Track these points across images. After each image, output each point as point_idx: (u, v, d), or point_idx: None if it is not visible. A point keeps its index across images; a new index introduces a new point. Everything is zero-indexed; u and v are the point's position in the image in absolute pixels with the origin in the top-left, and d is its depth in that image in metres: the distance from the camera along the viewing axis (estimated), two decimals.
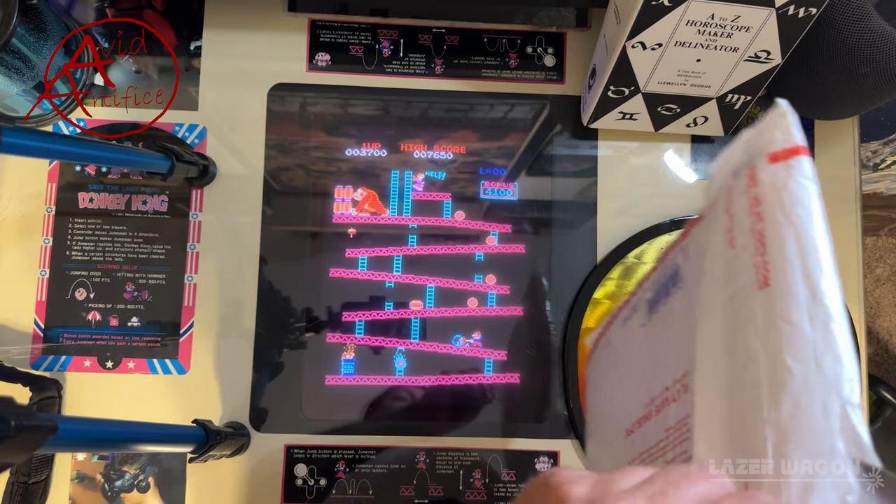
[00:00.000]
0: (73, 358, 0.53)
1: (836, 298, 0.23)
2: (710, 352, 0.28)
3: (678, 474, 0.22)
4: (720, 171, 0.30)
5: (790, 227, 0.25)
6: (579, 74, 0.58)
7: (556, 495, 0.22)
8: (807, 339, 0.23)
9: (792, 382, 0.23)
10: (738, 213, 0.28)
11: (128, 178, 0.55)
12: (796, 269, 0.24)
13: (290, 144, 0.56)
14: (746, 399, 0.25)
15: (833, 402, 0.22)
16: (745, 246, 0.27)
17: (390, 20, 0.58)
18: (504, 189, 0.57)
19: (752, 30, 0.45)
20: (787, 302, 0.24)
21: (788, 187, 0.25)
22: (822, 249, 0.24)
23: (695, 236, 0.33)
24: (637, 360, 0.38)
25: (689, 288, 0.32)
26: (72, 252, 0.54)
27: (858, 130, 0.60)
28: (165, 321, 0.54)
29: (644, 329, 0.38)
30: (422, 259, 0.56)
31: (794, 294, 0.23)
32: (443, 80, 0.58)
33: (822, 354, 0.22)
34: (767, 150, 0.26)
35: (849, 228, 0.58)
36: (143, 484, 0.53)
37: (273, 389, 0.54)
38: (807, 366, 0.22)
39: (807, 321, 0.23)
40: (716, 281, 0.29)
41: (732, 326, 0.27)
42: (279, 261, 0.55)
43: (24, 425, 0.30)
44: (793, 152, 0.26)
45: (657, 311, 0.36)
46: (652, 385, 0.34)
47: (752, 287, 0.26)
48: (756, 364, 0.24)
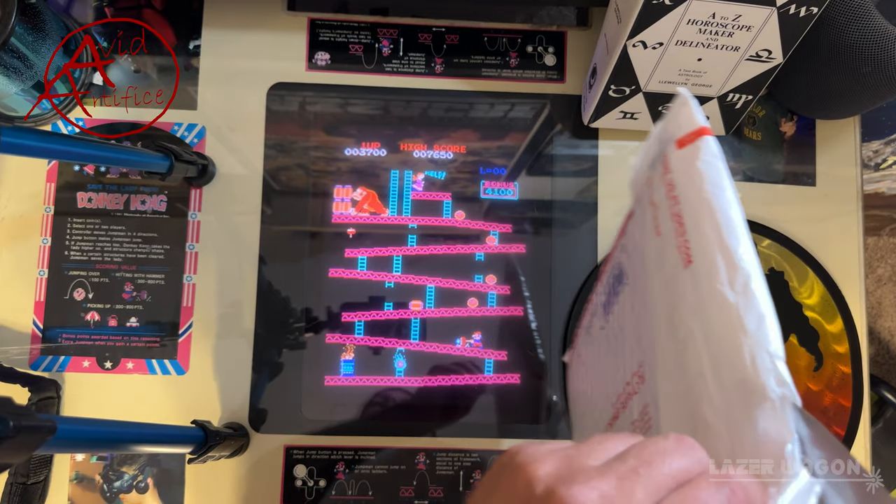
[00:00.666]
0: (71, 358, 0.53)
1: (752, 261, 0.24)
2: (659, 338, 0.29)
3: (652, 451, 0.21)
4: (640, 166, 0.32)
5: (702, 203, 0.26)
6: (580, 74, 0.58)
7: (523, 477, 0.21)
8: (730, 304, 0.24)
9: (723, 347, 0.24)
10: (659, 201, 0.29)
11: (127, 177, 0.55)
12: (713, 242, 0.25)
13: (289, 144, 0.56)
14: (691, 374, 0.25)
15: (763, 357, 0.23)
16: (668, 231, 0.28)
17: (390, 19, 0.58)
18: (504, 189, 0.57)
19: (754, 29, 0.45)
20: (709, 273, 0.25)
21: (697, 167, 0.26)
22: (735, 219, 0.25)
23: (630, 233, 0.34)
24: (602, 364, 0.39)
25: (633, 283, 0.34)
26: (70, 252, 0.54)
27: (860, 130, 0.60)
28: (164, 321, 0.54)
29: (604, 332, 0.38)
30: (422, 259, 0.56)
31: (715, 264, 0.25)
32: (443, 79, 0.58)
33: (746, 315, 0.23)
34: (675, 137, 0.28)
35: (850, 228, 0.58)
36: (142, 485, 0.53)
37: (272, 390, 0.54)
38: (733, 329, 0.23)
39: (728, 287, 0.24)
40: (653, 270, 0.30)
41: (670, 308, 0.28)
42: (278, 261, 0.55)
43: (22, 426, 0.29)
44: (696, 134, 0.27)
45: (611, 311, 0.37)
46: (616, 384, 0.35)
47: (679, 268, 0.27)
48: (693, 337, 0.25)
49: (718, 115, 0.54)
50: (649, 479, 0.20)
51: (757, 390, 0.22)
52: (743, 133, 0.59)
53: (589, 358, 0.42)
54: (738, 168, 0.58)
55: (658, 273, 0.29)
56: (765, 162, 0.58)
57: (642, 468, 0.20)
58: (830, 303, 0.56)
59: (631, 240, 0.34)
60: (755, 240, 0.56)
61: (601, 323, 0.39)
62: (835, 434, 0.55)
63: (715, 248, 0.25)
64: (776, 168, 0.59)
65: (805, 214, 0.58)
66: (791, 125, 0.59)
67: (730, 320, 0.23)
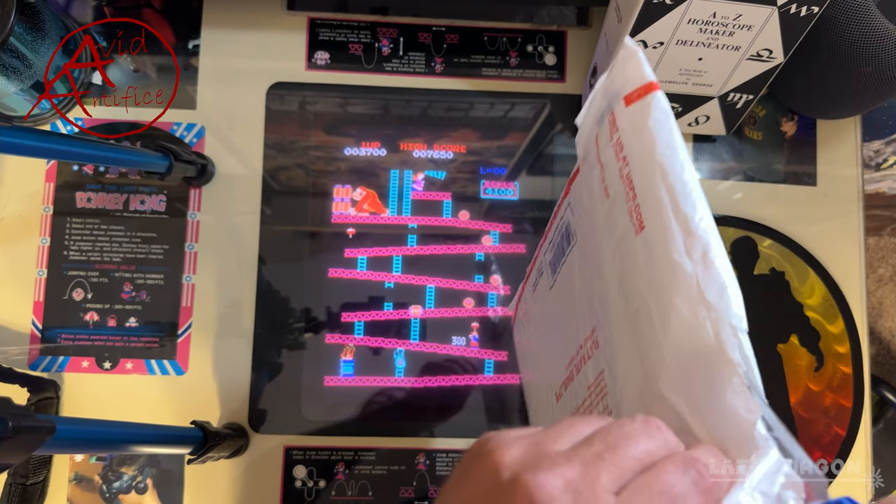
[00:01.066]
0: (70, 358, 0.53)
1: (710, 229, 0.22)
2: (611, 305, 0.27)
3: (618, 435, 0.20)
4: (585, 121, 0.30)
5: (654, 166, 0.24)
6: (580, 73, 0.58)
7: (489, 464, 0.21)
8: (688, 275, 0.22)
9: (681, 320, 0.22)
10: (607, 161, 0.27)
11: (126, 177, 0.55)
12: (667, 207, 0.23)
13: (289, 144, 0.56)
14: (646, 343, 0.24)
15: (727, 330, 0.21)
16: (618, 194, 0.26)
17: (390, 18, 0.57)
18: (504, 189, 0.57)
19: (754, 28, 0.45)
20: (664, 241, 0.23)
21: (647, 126, 0.24)
22: (690, 182, 0.23)
23: (576, 190, 0.32)
24: (553, 323, 0.37)
25: (582, 244, 0.32)
26: (70, 252, 0.54)
27: (860, 130, 0.59)
28: (164, 321, 0.54)
29: (552, 291, 0.37)
30: (421, 259, 0.56)
31: (670, 231, 0.23)
32: (443, 78, 0.58)
33: (707, 286, 0.22)
34: (622, 94, 0.26)
35: (851, 228, 0.58)
36: (142, 485, 0.52)
37: (272, 390, 0.54)
38: (693, 301, 0.22)
39: (685, 257, 0.22)
40: (602, 234, 0.28)
41: (621, 275, 0.26)
42: (278, 261, 0.55)
43: (22, 426, 0.29)
44: (645, 90, 0.25)
45: (559, 271, 0.36)
46: (569, 346, 0.34)
47: (630, 234, 0.25)
48: (647, 307, 0.24)
49: (719, 115, 0.54)
50: (614, 464, 0.20)
51: (723, 365, 0.21)
52: (744, 133, 0.59)
53: (538, 317, 0.41)
54: (738, 168, 0.58)
55: (607, 237, 0.27)
56: (765, 162, 0.58)
57: (607, 453, 0.20)
58: (831, 303, 0.56)
59: (577, 199, 0.32)
60: (756, 240, 0.56)
61: (549, 282, 0.38)
62: (836, 435, 0.55)
63: (670, 214, 0.23)
64: (777, 168, 0.58)
65: (806, 214, 0.58)
66: (792, 125, 0.59)
67: (689, 292, 0.22)
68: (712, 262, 0.22)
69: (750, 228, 0.56)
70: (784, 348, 0.55)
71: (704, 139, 0.58)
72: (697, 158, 0.58)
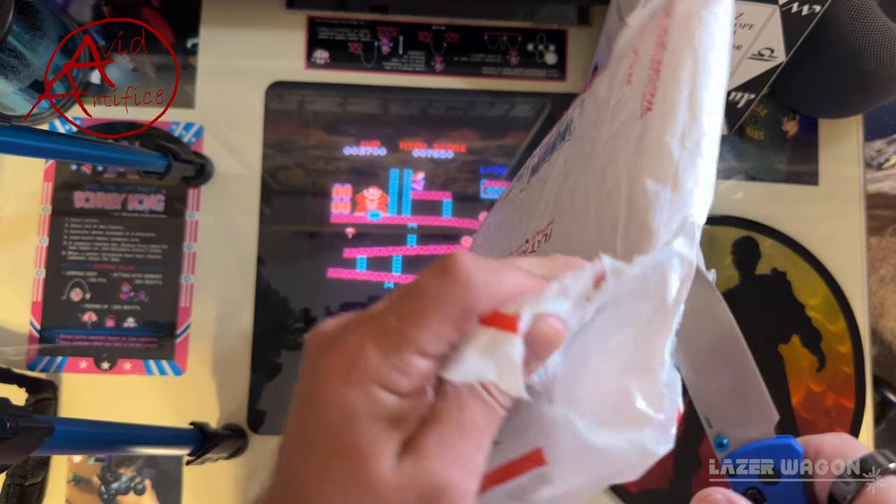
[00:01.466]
0: (69, 359, 0.53)
1: (714, 121, 0.22)
2: (586, 189, 0.27)
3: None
4: (638, 15, 0.29)
5: (689, 49, 0.23)
6: (581, 72, 0.58)
7: (307, 342, 0.20)
8: (672, 159, 0.22)
9: (646, 204, 0.22)
10: (643, 48, 0.27)
11: (124, 177, 0.55)
12: (684, 90, 0.23)
13: (288, 143, 0.56)
14: (606, 228, 0.24)
15: (677, 218, 0.21)
16: (640, 79, 0.26)
17: (390, 17, 0.57)
18: (505, 188, 0.57)
19: (756, 27, 0.44)
20: (664, 121, 0.23)
21: (700, 14, 0.24)
22: (716, 72, 0.23)
23: (595, 86, 0.31)
24: (504, 225, 0.37)
25: (577, 138, 0.31)
26: (68, 252, 0.54)
27: (862, 129, 0.59)
28: (162, 322, 0.54)
29: (522, 193, 0.37)
30: (421, 259, 0.56)
31: (675, 114, 0.22)
32: (443, 77, 0.57)
33: (684, 175, 0.21)
34: None
35: (853, 228, 0.58)
36: (140, 486, 0.52)
37: (271, 391, 0.53)
38: (664, 187, 0.21)
39: (677, 141, 0.22)
40: (604, 122, 0.28)
41: (606, 160, 0.26)
42: (277, 261, 0.55)
43: (20, 427, 0.29)
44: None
45: (538, 171, 0.35)
46: (513, 240, 0.33)
47: (634, 117, 0.25)
48: (618, 190, 0.23)
49: None
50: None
51: (645, 237, 0.21)
52: (745, 132, 0.58)
53: (491, 223, 0.40)
54: (740, 167, 0.58)
55: (609, 124, 0.27)
56: (767, 161, 0.58)
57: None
58: (833, 303, 0.56)
59: (592, 94, 0.31)
60: (758, 240, 0.56)
61: (521, 186, 0.37)
62: None
63: (683, 96, 0.22)
64: (778, 167, 0.58)
65: (807, 214, 0.57)
66: (793, 124, 0.59)
67: (664, 176, 0.21)
68: (702, 151, 0.21)
69: (751, 228, 0.56)
70: (786, 349, 0.55)
71: None
72: None
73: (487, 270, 0.19)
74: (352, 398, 0.18)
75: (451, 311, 0.18)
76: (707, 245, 0.55)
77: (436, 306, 0.18)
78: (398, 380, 0.18)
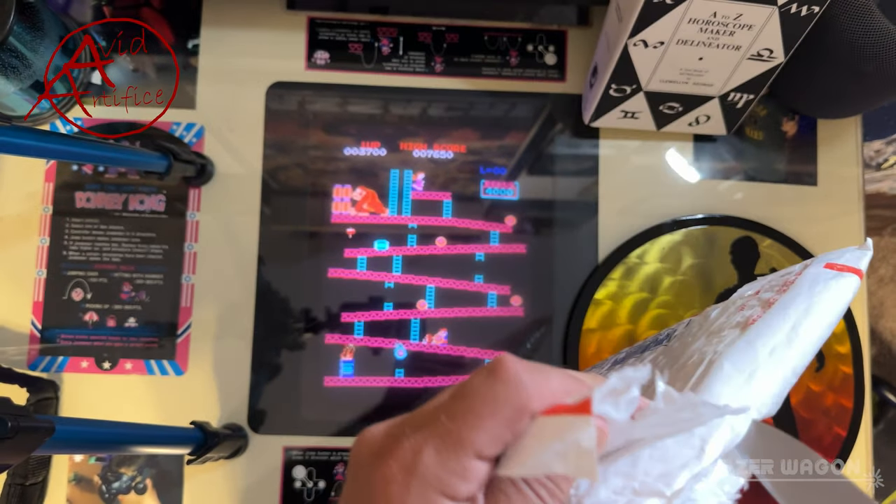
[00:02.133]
0: (70, 359, 0.53)
1: (805, 353, 0.25)
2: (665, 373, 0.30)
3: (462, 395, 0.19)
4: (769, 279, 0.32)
5: (806, 295, 0.26)
6: (580, 73, 0.58)
7: (355, 447, 0.20)
8: (755, 359, 0.24)
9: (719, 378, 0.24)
10: (764, 291, 0.30)
11: (125, 177, 0.55)
12: (789, 319, 0.26)
13: (288, 143, 0.56)
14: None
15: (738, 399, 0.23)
16: (752, 308, 0.28)
17: (390, 18, 0.57)
18: (505, 188, 0.57)
19: (755, 28, 0.45)
20: (760, 333, 0.25)
21: (827, 281, 0.27)
22: (822, 322, 0.26)
23: (707, 310, 0.34)
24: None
25: (674, 340, 0.34)
26: (69, 252, 0.54)
27: (861, 129, 0.59)
28: (163, 322, 0.54)
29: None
30: (421, 259, 0.56)
31: (773, 332, 0.25)
32: (443, 78, 0.57)
33: (763, 375, 0.24)
34: (829, 260, 0.29)
35: (852, 228, 0.58)
36: (141, 486, 0.52)
37: (271, 390, 0.54)
38: (739, 373, 0.24)
39: (767, 350, 0.25)
40: (704, 331, 0.30)
41: (692, 351, 0.28)
42: (278, 261, 0.55)
43: (21, 427, 0.29)
44: (849, 269, 0.28)
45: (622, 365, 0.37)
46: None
47: (735, 329, 0.27)
48: (698, 364, 0.26)
49: (720, 115, 0.54)
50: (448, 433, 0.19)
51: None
52: (744, 132, 0.58)
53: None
54: (739, 167, 0.58)
55: (707, 330, 0.30)
56: (766, 161, 0.58)
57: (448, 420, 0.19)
58: None
59: (703, 314, 0.34)
60: (757, 240, 0.56)
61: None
62: (836, 435, 0.55)
63: (786, 325, 0.25)
64: (778, 167, 0.58)
65: (807, 214, 0.57)
66: (792, 124, 0.59)
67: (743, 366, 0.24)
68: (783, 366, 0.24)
69: (750, 228, 0.56)
70: None
71: (705, 139, 0.58)
72: (698, 158, 0.58)
73: (534, 371, 0.19)
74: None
75: (505, 411, 0.18)
76: (706, 245, 0.55)
77: (489, 407, 0.18)
78: (457, 485, 0.18)
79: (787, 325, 0.25)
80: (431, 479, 0.17)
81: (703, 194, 0.57)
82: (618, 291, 0.55)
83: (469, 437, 0.18)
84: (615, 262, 0.55)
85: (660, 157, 0.58)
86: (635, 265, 0.55)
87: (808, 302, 0.26)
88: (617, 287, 0.55)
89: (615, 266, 0.55)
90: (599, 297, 0.55)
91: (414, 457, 0.18)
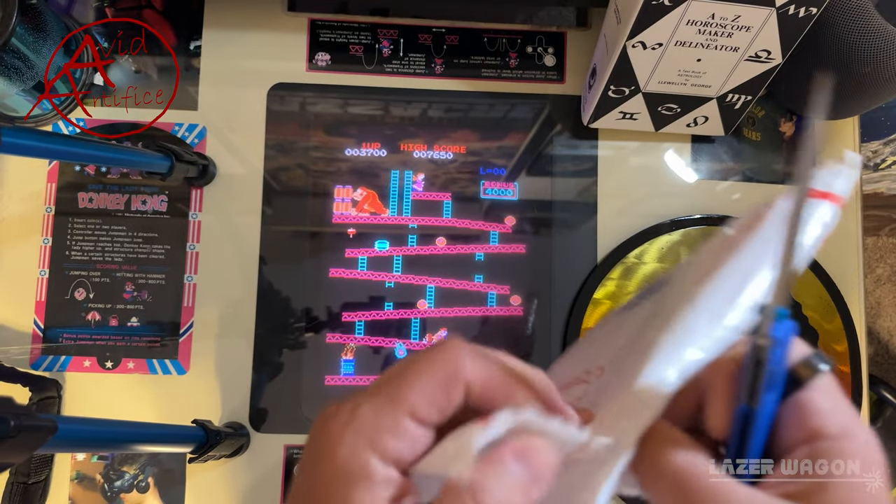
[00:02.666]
0: (72, 358, 0.53)
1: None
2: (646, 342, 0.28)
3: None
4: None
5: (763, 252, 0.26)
6: (579, 74, 0.58)
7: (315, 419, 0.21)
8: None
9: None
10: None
11: (127, 177, 0.55)
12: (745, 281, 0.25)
13: (289, 144, 0.56)
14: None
15: (665, 373, 0.23)
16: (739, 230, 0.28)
17: (390, 20, 0.58)
18: (504, 189, 0.57)
19: (753, 29, 0.45)
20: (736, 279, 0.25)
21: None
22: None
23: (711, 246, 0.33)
24: (578, 353, 0.39)
25: (663, 291, 0.33)
26: (71, 252, 0.54)
27: (859, 130, 0.60)
28: (165, 321, 0.54)
29: (601, 330, 0.38)
30: (422, 259, 0.56)
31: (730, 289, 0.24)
32: (443, 79, 0.58)
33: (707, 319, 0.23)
34: (812, 186, 0.28)
35: (849, 228, 0.58)
36: (143, 484, 0.53)
37: (273, 389, 0.54)
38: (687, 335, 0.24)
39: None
40: (689, 279, 0.29)
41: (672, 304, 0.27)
42: (279, 261, 0.55)
43: (23, 425, 0.30)
44: (823, 196, 0.27)
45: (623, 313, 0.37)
46: (574, 368, 0.35)
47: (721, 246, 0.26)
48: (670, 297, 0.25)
49: (718, 116, 0.54)
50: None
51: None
52: (742, 133, 0.59)
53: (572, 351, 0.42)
54: (737, 168, 0.58)
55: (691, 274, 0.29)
56: (764, 162, 0.59)
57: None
58: (829, 303, 0.56)
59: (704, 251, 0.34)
60: None
61: (617, 311, 0.39)
62: None
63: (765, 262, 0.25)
64: (776, 168, 0.59)
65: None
66: (790, 125, 0.59)
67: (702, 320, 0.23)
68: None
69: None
70: None
71: (703, 140, 0.58)
72: (696, 159, 0.58)
73: (476, 350, 0.20)
74: (344, 457, 0.18)
75: (438, 374, 0.19)
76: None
77: (426, 369, 0.19)
78: (387, 441, 0.18)
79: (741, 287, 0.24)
80: (363, 430, 0.19)
81: (701, 195, 0.58)
82: (616, 291, 0.55)
83: (403, 394, 0.19)
84: (614, 261, 0.56)
85: (658, 157, 0.58)
86: (634, 265, 0.56)
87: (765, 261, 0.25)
88: (615, 287, 0.55)
89: (614, 266, 0.56)
90: (598, 297, 0.55)
91: (353, 412, 0.19)
